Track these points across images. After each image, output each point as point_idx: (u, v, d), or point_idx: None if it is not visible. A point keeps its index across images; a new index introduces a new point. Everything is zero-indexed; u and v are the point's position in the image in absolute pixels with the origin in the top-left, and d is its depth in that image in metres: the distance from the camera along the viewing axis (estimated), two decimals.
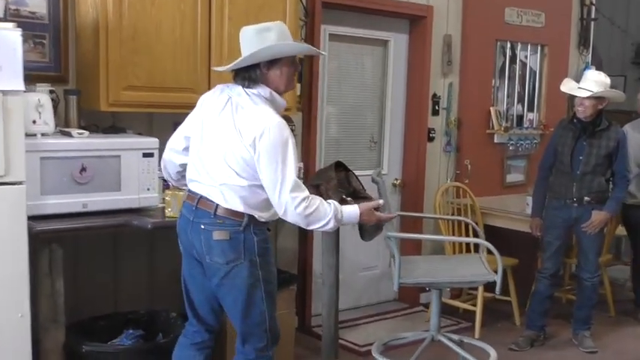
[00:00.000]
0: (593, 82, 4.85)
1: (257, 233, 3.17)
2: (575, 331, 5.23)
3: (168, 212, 3.74)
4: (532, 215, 5.21)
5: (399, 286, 3.77)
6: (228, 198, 3.10)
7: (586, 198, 4.91)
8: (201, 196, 3.16)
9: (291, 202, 3.03)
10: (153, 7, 3.92)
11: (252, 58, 3.11)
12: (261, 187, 3.10)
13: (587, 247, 5.03)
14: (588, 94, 4.81)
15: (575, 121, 4.98)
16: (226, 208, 3.11)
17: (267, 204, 3.14)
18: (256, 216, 3.14)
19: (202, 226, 3.13)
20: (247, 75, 3.15)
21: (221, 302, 3.26)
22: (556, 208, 5.05)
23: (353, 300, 5.81)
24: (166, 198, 3.75)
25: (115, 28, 3.79)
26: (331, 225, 3.14)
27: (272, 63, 3.15)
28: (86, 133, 3.74)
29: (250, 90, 3.15)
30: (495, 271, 3.87)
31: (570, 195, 4.94)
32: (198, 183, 3.19)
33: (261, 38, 3.13)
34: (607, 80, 4.91)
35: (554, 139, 5.14)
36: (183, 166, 3.35)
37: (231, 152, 3.08)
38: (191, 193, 3.23)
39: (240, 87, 3.17)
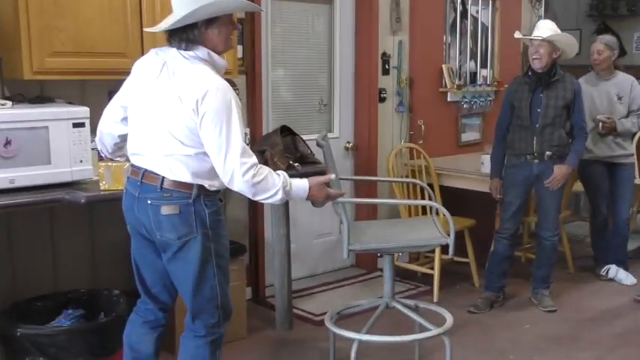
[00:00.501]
0: (546, 29, 4.77)
1: (208, 204, 2.98)
2: (534, 290, 5.14)
3: (103, 185, 3.52)
4: (491, 176, 5.08)
5: (349, 253, 3.59)
6: (175, 169, 2.92)
7: (547, 152, 4.81)
8: (146, 170, 2.96)
9: (239, 169, 2.84)
10: None
11: (191, 17, 2.89)
12: (206, 153, 2.91)
13: (548, 204, 4.93)
14: (543, 36, 4.72)
15: (530, 73, 4.87)
16: (173, 180, 2.92)
17: (213, 171, 2.94)
18: (206, 185, 2.96)
19: (149, 202, 2.94)
20: (185, 36, 2.93)
21: (172, 277, 3.08)
22: (516, 166, 4.93)
23: (308, 269, 5.66)
24: (100, 170, 3.52)
25: None
26: (279, 197, 2.96)
27: (210, 22, 2.95)
28: (9, 103, 3.51)
29: (187, 52, 2.94)
30: (449, 234, 3.72)
31: (531, 150, 4.83)
32: (141, 156, 2.99)
33: None
34: (558, 30, 4.83)
35: (509, 95, 5.02)
36: (122, 137, 3.14)
37: (173, 120, 2.88)
38: (135, 168, 3.03)
39: (174, 50, 2.95)
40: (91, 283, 4.19)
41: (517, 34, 4.99)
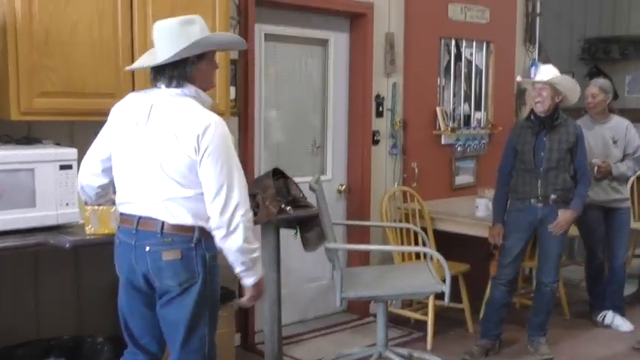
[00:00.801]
0: (548, 73, 4.77)
1: (209, 248, 2.90)
2: (530, 338, 5.02)
3: (89, 229, 3.41)
4: (494, 221, 4.97)
5: (342, 301, 3.49)
6: (175, 212, 2.84)
7: (552, 196, 4.75)
8: (141, 217, 2.88)
9: (242, 207, 2.84)
10: (67, 7, 3.59)
11: (196, 47, 2.88)
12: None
13: (550, 249, 4.86)
14: (547, 78, 4.70)
15: (532, 117, 4.84)
16: (174, 224, 2.84)
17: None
18: (207, 227, 2.87)
19: (147, 248, 2.85)
20: (175, 72, 2.89)
21: (161, 323, 2.98)
22: (520, 210, 4.85)
23: (299, 313, 5.53)
24: (86, 214, 3.42)
25: (25, 30, 3.46)
26: (258, 254, 2.96)
27: (200, 58, 2.93)
28: None
29: (175, 90, 2.89)
30: (444, 280, 3.62)
31: (535, 194, 4.77)
32: (133, 204, 2.91)
33: (186, 32, 2.91)
34: (559, 73, 4.82)
35: (512, 140, 4.95)
36: (102, 187, 3.09)
37: (170, 161, 2.82)
38: (126, 216, 2.94)
39: (161, 89, 2.91)
40: (75, 329, 4.06)
41: (519, 78, 4.98)
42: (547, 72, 4.77)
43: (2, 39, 3.46)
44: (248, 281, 2.99)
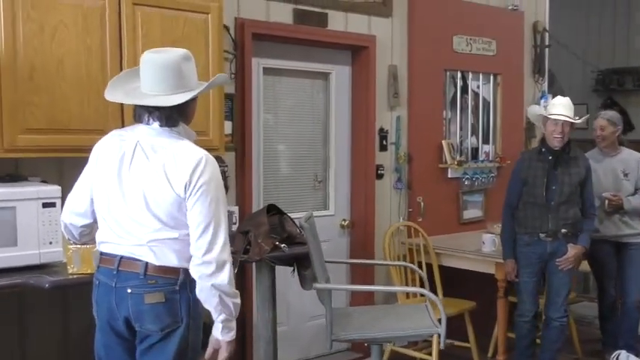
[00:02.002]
0: (565, 108, 4.64)
1: (193, 291, 2.78)
2: None
3: (71, 269, 3.32)
4: (505, 257, 4.86)
5: (332, 343, 3.35)
6: (160, 254, 2.74)
7: (562, 230, 4.64)
8: (122, 257, 2.77)
9: (228, 245, 2.74)
10: (53, 43, 3.53)
11: (209, 87, 2.97)
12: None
13: (559, 284, 4.73)
14: (571, 120, 4.60)
15: (543, 150, 4.72)
16: (159, 266, 2.74)
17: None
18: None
19: (129, 290, 2.74)
20: (176, 113, 2.82)
21: None
22: (529, 245, 4.74)
23: (300, 352, 5.38)
24: (68, 253, 3.33)
25: (9, 67, 3.40)
26: (238, 300, 2.84)
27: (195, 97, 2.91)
28: None
29: (165, 128, 2.81)
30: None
31: (545, 228, 4.66)
32: (115, 244, 2.80)
33: (187, 70, 2.87)
34: (572, 105, 4.72)
35: (519, 173, 4.83)
36: (86, 226, 2.98)
37: (157, 200, 2.73)
38: (107, 256, 2.82)
39: (149, 126, 2.81)
40: None
41: (533, 113, 4.88)
42: (569, 107, 4.64)
43: None
44: (227, 335, 2.82)
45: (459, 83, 6.17)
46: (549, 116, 4.67)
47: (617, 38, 9.65)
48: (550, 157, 4.68)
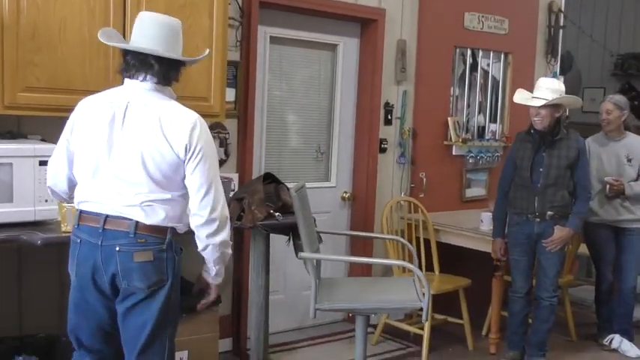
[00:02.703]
0: (547, 90, 4.59)
1: (177, 252, 2.90)
2: (529, 357, 4.88)
3: (64, 227, 3.39)
4: (494, 236, 4.92)
5: (316, 312, 3.40)
6: (151, 214, 2.80)
7: (549, 212, 4.64)
8: (108, 216, 2.81)
9: (224, 202, 2.91)
10: (56, 3, 3.57)
11: (199, 59, 3.12)
12: (183, 195, 2.85)
13: (547, 264, 4.73)
14: (542, 102, 4.53)
15: (532, 132, 4.71)
16: (148, 225, 2.80)
17: (184, 212, 2.89)
18: (178, 228, 2.88)
19: (117, 248, 2.79)
20: (172, 73, 2.92)
21: (122, 328, 2.89)
22: (518, 224, 4.77)
23: (297, 321, 5.44)
24: (62, 211, 3.40)
25: (12, 25, 3.44)
26: (229, 250, 3.01)
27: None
28: None
29: (156, 86, 2.88)
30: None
31: (532, 210, 4.67)
32: (100, 203, 2.83)
33: (181, 38, 3.00)
34: (561, 87, 4.68)
35: (512, 153, 4.88)
36: (72, 188, 3.01)
37: (157, 161, 2.78)
38: (90, 215, 2.85)
39: (142, 83, 2.87)
40: (57, 327, 4.03)
41: (517, 97, 4.78)
42: (546, 89, 4.60)
43: None
44: (218, 279, 3.07)
45: (469, 61, 6.14)
46: (520, 102, 4.73)
47: (638, 22, 9.52)
48: (537, 139, 4.67)
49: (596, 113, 5.39)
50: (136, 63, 2.88)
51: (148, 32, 2.88)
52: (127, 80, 2.93)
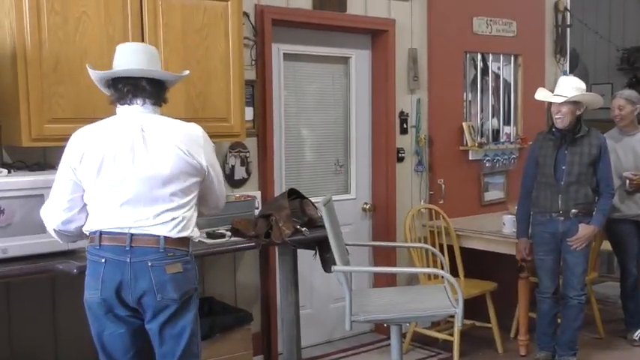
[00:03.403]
0: (568, 88, 4.63)
1: (195, 261, 3.08)
2: (560, 358, 4.87)
3: None
4: (518, 236, 4.94)
5: (352, 324, 3.42)
6: (178, 227, 2.94)
7: (573, 210, 4.65)
8: (134, 234, 2.90)
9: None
10: (77, 34, 3.62)
11: (180, 78, 3.24)
12: (195, 205, 3.04)
13: (573, 263, 4.73)
14: (563, 99, 4.58)
15: (554, 130, 4.74)
16: (175, 239, 2.93)
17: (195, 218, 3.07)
18: (194, 237, 3.05)
19: (150, 263, 2.89)
20: (162, 93, 3.09)
21: (158, 343, 3.00)
22: (542, 224, 4.78)
23: (325, 334, 5.46)
24: None
25: (35, 58, 3.50)
26: None
27: None
28: (5, 171, 3.44)
29: (156, 108, 3.05)
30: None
31: (556, 208, 4.68)
32: (121, 223, 2.92)
33: (159, 60, 3.19)
34: (582, 85, 4.71)
35: (533, 152, 4.90)
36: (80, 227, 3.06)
37: (185, 176, 2.96)
38: (114, 234, 2.91)
39: (141, 107, 3.00)
40: (93, 356, 4.05)
41: (538, 95, 4.84)
42: (567, 87, 4.63)
43: (12, 66, 3.50)
44: None
45: (480, 65, 6.18)
46: (542, 99, 4.83)
47: None
48: (558, 137, 4.70)
49: (605, 109, 5.40)
50: (130, 89, 3.00)
51: (132, 59, 3.02)
52: (125, 107, 3.02)
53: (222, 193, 3.21)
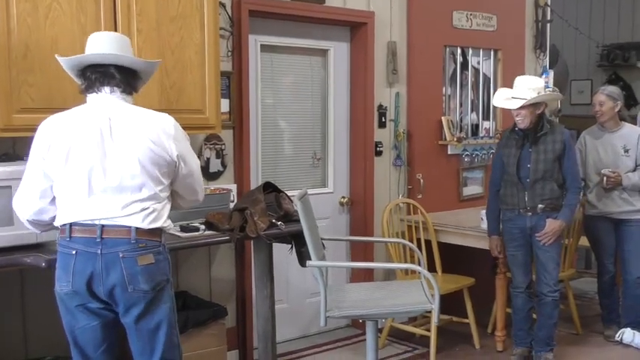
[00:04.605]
0: (524, 89, 4.61)
1: (168, 251, 3.04)
2: (536, 354, 4.85)
3: None
4: (489, 234, 4.93)
5: (326, 320, 3.37)
6: (149, 218, 2.91)
7: (540, 205, 4.65)
8: (104, 225, 2.87)
9: None
10: (47, 21, 3.53)
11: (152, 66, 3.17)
12: (168, 196, 3.02)
13: (544, 258, 4.72)
14: (520, 103, 4.56)
15: (516, 129, 4.72)
16: (146, 230, 2.90)
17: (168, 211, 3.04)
18: (167, 227, 3.00)
19: (121, 255, 2.86)
20: (132, 81, 3.04)
21: (133, 338, 2.99)
22: (510, 220, 4.79)
23: (300, 329, 5.41)
24: None
25: (3, 46, 3.41)
26: None
27: None
28: None
29: (127, 97, 3.02)
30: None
31: (523, 205, 4.69)
32: (94, 215, 2.88)
33: (130, 48, 3.13)
34: (540, 84, 4.70)
35: (499, 151, 4.89)
36: (52, 218, 3.02)
37: (154, 165, 2.91)
38: (85, 226, 2.88)
39: (110, 95, 2.96)
40: (63, 349, 3.98)
41: (496, 99, 4.84)
42: (524, 88, 4.59)
43: None
44: None
45: (459, 59, 6.14)
46: (499, 105, 4.87)
47: (622, 13, 9.57)
48: (521, 136, 4.69)
49: (584, 105, 5.40)
50: (98, 76, 2.97)
51: (102, 46, 2.98)
52: (93, 95, 2.99)
53: (199, 184, 3.18)
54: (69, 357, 3.71)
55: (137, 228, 2.88)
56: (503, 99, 4.73)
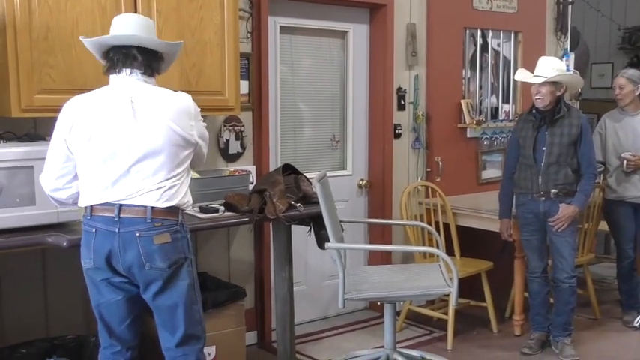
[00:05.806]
0: (547, 68, 4.60)
1: (187, 230, 3.07)
2: (554, 339, 4.84)
3: None
4: (500, 217, 4.91)
5: (345, 302, 3.38)
6: (164, 199, 2.94)
7: (553, 190, 4.62)
8: (122, 205, 2.92)
9: None
10: (68, 3, 3.55)
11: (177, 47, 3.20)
12: (187, 175, 3.05)
13: (559, 243, 4.69)
14: (542, 79, 4.54)
15: (534, 111, 4.70)
16: (162, 209, 2.93)
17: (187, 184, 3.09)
18: (185, 206, 3.04)
19: (138, 234, 2.91)
20: (155, 64, 3.07)
21: (156, 312, 3.06)
22: (524, 204, 4.76)
23: (319, 311, 5.43)
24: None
25: (25, 27, 3.42)
26: None
27: None
28: None
29: (150, 78, 3.05)
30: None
31: (536, 189, 4.66)
32: (110, 194, 2.93)
33: (154, 30, 3.16)
34: (562, 65, 4.71)
35: (515, 133, 4.87)
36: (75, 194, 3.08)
37: (176, 146, 2.95)
38: (102, 206, 2.94)
39: (131, 77, 2.99)
40: (83, 328, 4.03)
41: (518, 75, 4.85)
42: (547, 67, 4.59)
43: (2, 35, 3.42)
44: None
45: (479, 42, 6.10)
46: (521, 80, 4.85)
47: None
48: (538, 118, 4.66)
49: (605, 89, 5.36)
50: (120, 57, 3.00)
51: (126, 28, 3.01)
52: (114, 77, 3.03)
53: (205, 155, 3.25)
54: (90, 335, 3.79)
55: (153, 207, 2.92)
56: (526, 76, 4.72)
